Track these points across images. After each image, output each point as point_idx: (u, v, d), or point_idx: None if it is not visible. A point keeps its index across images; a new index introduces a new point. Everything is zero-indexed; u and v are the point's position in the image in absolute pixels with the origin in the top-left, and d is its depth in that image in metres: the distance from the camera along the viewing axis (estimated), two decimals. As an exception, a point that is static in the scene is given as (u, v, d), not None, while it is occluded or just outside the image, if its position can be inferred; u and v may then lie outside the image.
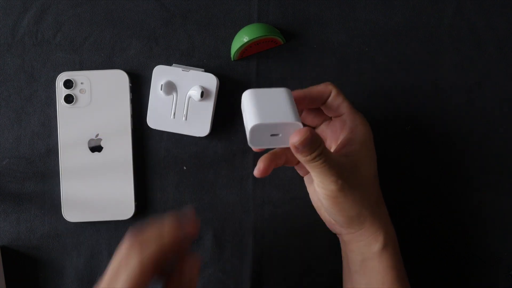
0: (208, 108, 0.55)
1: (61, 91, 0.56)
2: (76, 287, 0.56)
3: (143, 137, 0.57)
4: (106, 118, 0.56)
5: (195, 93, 0.55)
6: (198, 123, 0.55)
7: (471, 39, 0.57)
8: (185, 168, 0.57)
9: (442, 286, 0.57)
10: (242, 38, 0.54)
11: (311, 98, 0.48)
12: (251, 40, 0.54)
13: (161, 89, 0.54)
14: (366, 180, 0.47)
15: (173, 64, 0.56)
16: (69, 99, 0.56)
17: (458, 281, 0.57)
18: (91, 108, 0.56)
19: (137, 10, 0.57)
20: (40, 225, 0.56)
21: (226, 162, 0.57)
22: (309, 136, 0.42)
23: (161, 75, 0.55)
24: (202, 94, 0.54)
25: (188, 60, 0.57)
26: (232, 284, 0.57)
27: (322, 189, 0.45)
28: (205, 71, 0.55)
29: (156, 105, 0.56)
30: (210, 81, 0.55)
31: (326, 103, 0.49)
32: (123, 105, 0.56)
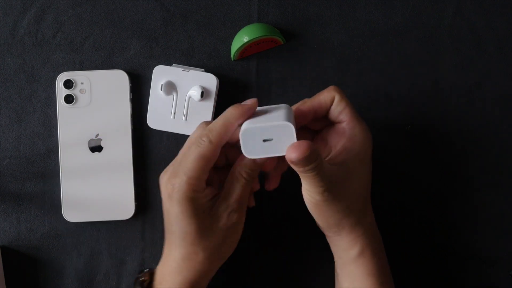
0: (208, 108, 0.55)
1: (61, 91, 0.56)
2: (76, 287, 0.57)
3: (143, 137, 0.57)
4: (106, 118, 0.56)
5: (195, 93, 0.55)
6: (198, 123, 0.55)
7: (471, 39, 0.57)
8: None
9: (442, 286, 0.57)
10: (242, 38, 0.54)
11: (315, 111, 0.48)
12: (251, 40, 0.54)
13: (161, 89, 0.54)
14: (354, 192, 0.47)
15: (173, 64, 0.56)
16: (69, 99, 0.56)
17: (458, 281, 0.57)
18: (91, 108, 0.56)
19: (137, 10, 0.57)
20: (40, 225, 0.56)
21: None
22: (307, 154, 0.41)
23: (161, 75, 0.55)
24: (202, 94, 0.54)
25: (188, 60, 0.57)
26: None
27: (307, 195, 0.46)
28: (205, 71, 0.55)
29: (156, 105, 0.56)
30: (210, 81, 0.55)
31: (329, 111, 0.48)
32: (123, 105, 0.56)
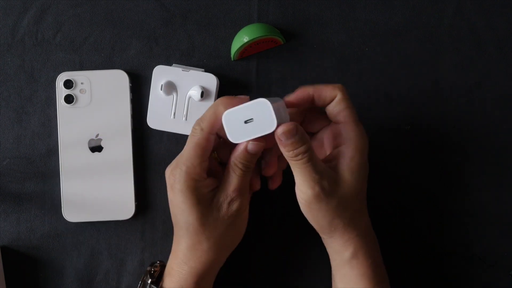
0: (208, 108, 0.55)
1: (61, 91, 0.56)
2: (76, 287, 0.57)
3: (143, 137, 0.57)
4: (106, 118, 0.56)
5: (195, 93, 0.55)
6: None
7: (471, 39, 0.57)
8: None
9: (442, 286, 0.57)
10: (242, 38, 0.54)
11: (312, 101, 0.47)
12: (251, 40, 0.54)
13: (161, 89, 0.54)
14: (346, 197, 0.46)
15: (173, 64, 0.56)
16: (69, 99, 0.56)
17: (459, 281, 0.57)
18: (91, 108, 0.56)
19: (137, 10, 0.57)
20: (40, 225, 0.56)
21: (226, 162, 0.57)
22: (293, 128, 0.42)
23: (161, 75, 0.55)
24: (202, 94, 0.54)
25: (188, 60, 0.57)
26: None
27: (300, 193, 0.46)
28: (205, 71, 0.55)
29: (156, 105, 0.56)
30: (210, 81, 0.55)
31: (328, 107, 0.47)
32: (123, 105, 0.56)
